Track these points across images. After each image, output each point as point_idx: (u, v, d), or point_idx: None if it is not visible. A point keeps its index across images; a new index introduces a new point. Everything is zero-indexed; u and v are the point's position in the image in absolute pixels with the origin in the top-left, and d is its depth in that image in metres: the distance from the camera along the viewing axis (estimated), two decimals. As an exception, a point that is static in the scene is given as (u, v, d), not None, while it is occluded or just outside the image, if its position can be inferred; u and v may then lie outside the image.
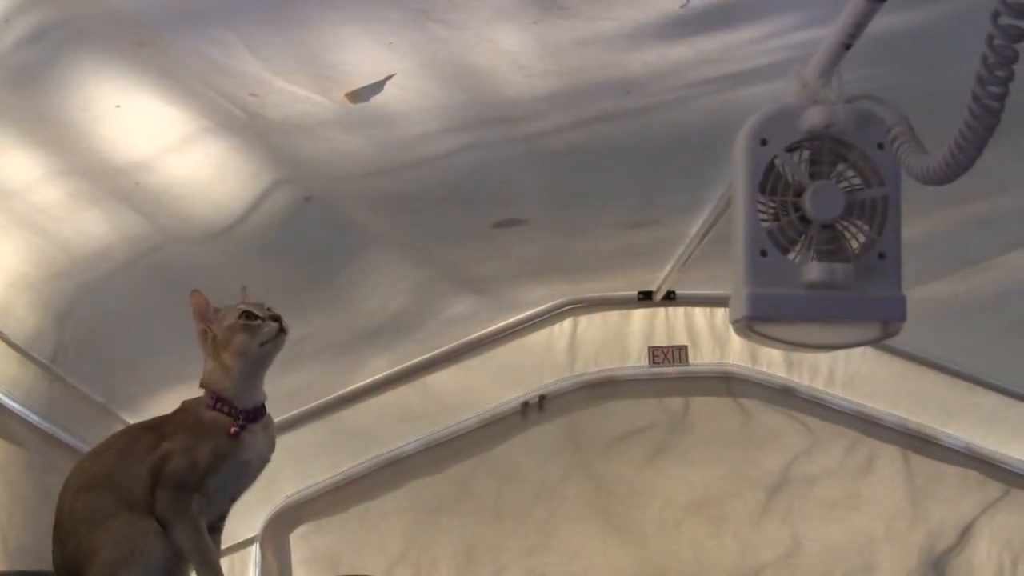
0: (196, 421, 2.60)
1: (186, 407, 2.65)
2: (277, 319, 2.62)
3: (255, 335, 2.59)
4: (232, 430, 2.58)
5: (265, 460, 2.70)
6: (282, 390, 4.34)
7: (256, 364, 2.64)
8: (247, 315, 2.59)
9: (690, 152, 2.83)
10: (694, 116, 2.57)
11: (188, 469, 2.54)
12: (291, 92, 2.28)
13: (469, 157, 2.72)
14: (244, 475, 2.66)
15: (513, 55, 2.19)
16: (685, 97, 2.47)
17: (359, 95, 2.33)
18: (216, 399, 2.60)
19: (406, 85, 2.28)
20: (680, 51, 2.24)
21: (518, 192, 3.07)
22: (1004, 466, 4.82)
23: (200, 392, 2.65)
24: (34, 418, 3.20)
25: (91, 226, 2.82)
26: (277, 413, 4.47)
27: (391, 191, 2.90)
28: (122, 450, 2.63)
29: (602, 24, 2.11)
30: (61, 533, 2.58)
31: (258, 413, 2.67)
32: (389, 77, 2.25)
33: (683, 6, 2.04)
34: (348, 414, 4.66)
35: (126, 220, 2.83)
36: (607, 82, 2.36)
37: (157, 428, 2.64)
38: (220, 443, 2.57)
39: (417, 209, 3.09)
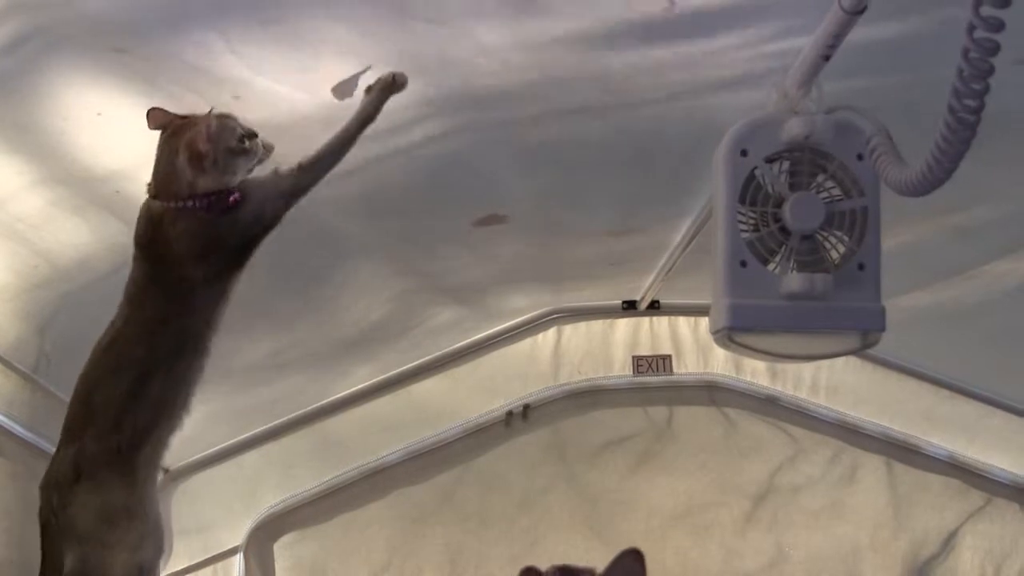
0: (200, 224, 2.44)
1: (153, 240, 2.47)
2: (255, 135, 2.44)
3: (249, 157, 2.43)
4: (234, 198, 2.42)
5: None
6: (265, 399, 4.37)
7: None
8: (243, 138, 2.41)
9: (672, 158, 2.84)
10: (674, 119, 2.57)
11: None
12: (273, 91, 2.29)
13: (449, 146, 2.71)
14: None
15: (492, 49, 2.20)
16: (665, 97, 2.48)
17: (343, 90, 2.34)
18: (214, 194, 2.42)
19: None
20: (660, 53, 2.24)
21: (499, 187, 3.06)
22: (987, 475, 4.83)
23: None
24: (17, 428, 3.19)
25: (73, 235, 2.82)
26: (260, 423, 4.52)
27: (371, 191, 2.89)
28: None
29: (581, 22, 2.12)
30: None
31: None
32: (367, 68, 2.26)
33: (666, 9, 2.04)
34: (332, 423, 4.65)
35: (108, 228, 2.82)
36: (586, 77, 2.36)
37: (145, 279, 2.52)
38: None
39: (397, 210, 3.08)
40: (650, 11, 2.07)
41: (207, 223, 2.43)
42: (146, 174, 2.59)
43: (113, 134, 2.43)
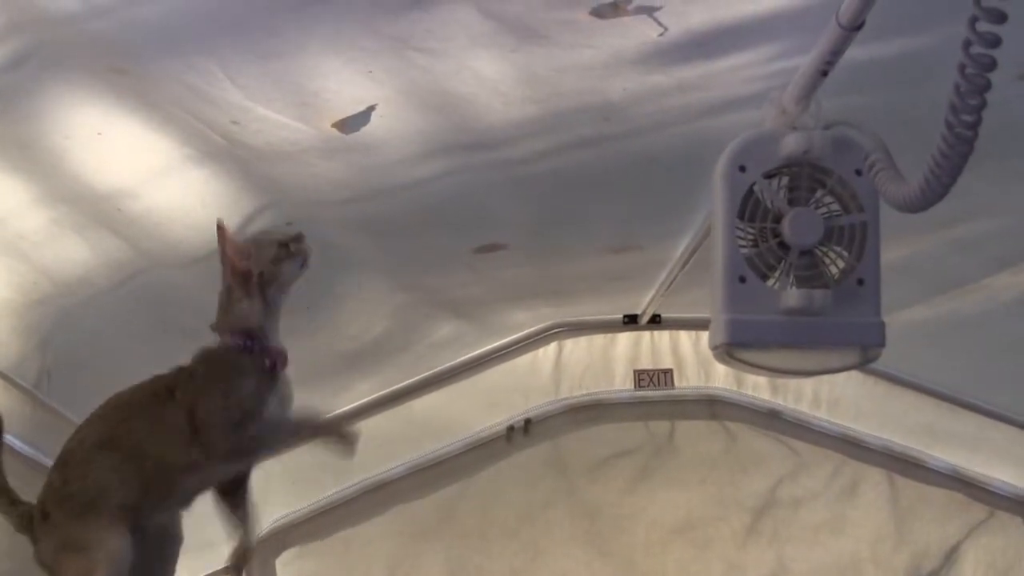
0: (227, 366, 2.50)
1: (204, 360, 2.54)
2: (301, 236, 2.53)
3: (297, 259, 2.51)
4: (270, 364, 2.49)
5: (289, 400, 2.62)
6: (266, 415, 4.36)
7: (288, 291, 2.56)
8: (283, 244, 2.50)
9: (671, 178, 2.84)
10: (674, 142, 2.58)
11: (235, 408, 2.47)
12: (272, 120, 2.29)
13: (449, 182, 2.72)
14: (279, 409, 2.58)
15: (492, 82, 2.20)
16: (664, 123, 2.48)
17: (347, 125, 2.34)
18: (247, 339, 2.50)
19: (386, 112, 2.29)
20: (658, 79, 2.25)
21: (498, 217, 3.08)
22: (989, 488, 4.82)
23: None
24: (17, 444, 3.18)
25: (73, 252, 2.82)
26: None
27: (372, 216, 2.91)
28: (144, 413, 2.56)
29: (581, 52, 2.12)
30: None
31: (284, 356, 2.57)
32: (372, 108, 2.26)
33: (661, 35, 2.05)
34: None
35: (108, 245, 2.83)
36: (585, 108, 2.37)
37: (174, 389, 2.54)
38: (261, 381, 2.49)
39: (398, 234, 3.10)
40: (646, 38, 2.07)
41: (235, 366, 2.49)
42: (146, 192, 2.60)
43: (114, 153, 2.44)
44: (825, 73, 2.02)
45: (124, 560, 2.48)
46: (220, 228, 2.45)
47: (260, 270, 2.48)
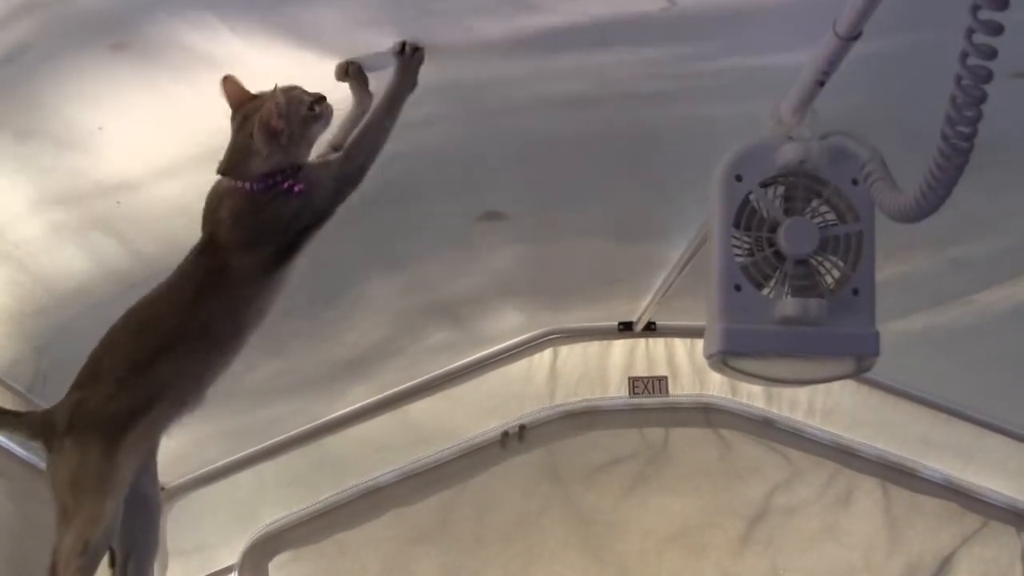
0: (257, 209, 2.38)
1: (219, 222, 2.40)
2: (323, 97, 2.38)
3: (321, 120, 2.37)
4: (298, 189, 2.36)
5: None
6: (262, 419, 4.37)
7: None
8: (313, 104, 2.35)
9: (667, 159, 2.84)
10: (670, 119, 2.58)
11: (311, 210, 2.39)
12: (275, 74, 2.28)
13: (446, 139, 2.69)
14: None
15: (489, 44, 2.22)
16: (660, 99, 2.48)
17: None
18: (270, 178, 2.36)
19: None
20: (654, 53, 2.26)
21: (497, 182, 3.05)
22: (983, 498, 4.82)
23: None
24: (15, 448, 3.19)
25: (71, 257, 2.82)
26: (257, 442, 4.52)
27: (371, 181, 2.90)
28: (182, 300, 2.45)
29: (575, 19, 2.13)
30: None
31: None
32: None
33: (664, 8, 2.05)
34: (328, 443, 4.65)
35: (107, 251, 2.83)
36: (582, 71, 2.37)
37: (199, 261, 2.44)
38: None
39: (397, 200, 3.07)
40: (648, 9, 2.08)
41: (263, 205, 2.37)
42: (147, 189, 2.60)
43: (113, 146, 2.43)
44: (822, 83, 2.03)
45: (120, 513, 2.46)
46: (227, 79, 2.32)
47: (291, 130, 2.34)
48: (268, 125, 2.29)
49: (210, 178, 2.43)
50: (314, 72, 2.32)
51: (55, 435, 2.44)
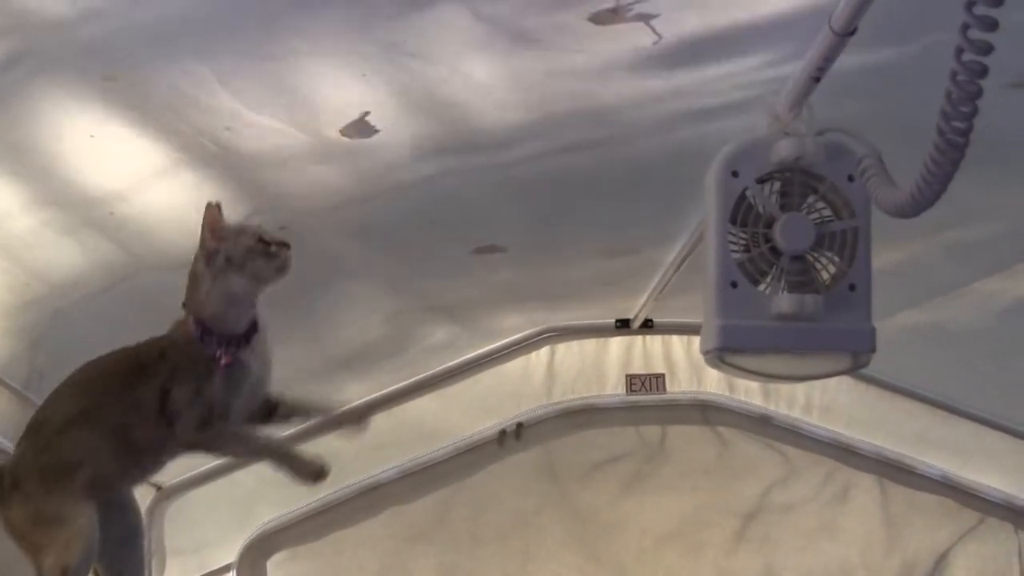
0: (192, 359, 2.43)
1: (174, 343, 2.47)
2: (288, 245, 2.43)
3: (272, 261, 2.40)
4: (224, 362, 2.41)
5: (268, 367, 2.55)
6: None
7: (260, 290, 2.45)
8: (265, 242, 2.40)
9: (664, 182, 2.84)
10: (667, 147, 2.58)
11: (207, 410, 2.43)
12: (265, 125, 2.29)
13: (444, 185, 2.72)
14: (255, 389, 2.54)
15: (486, 87, 2.20)
16: (658, 128, 2.49)
17: (357, 131, 2.34)
18: (203, 329, 2.42)
19: (380, 116, 2.29)
20: (652, 84, 2.25)
21: (494, 221, 3.08)
22: (980, 495, 4.82)
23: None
24: (8, 445, 3.18)
25: (65, 255, 2.82)
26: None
27: (366, 220, 2.91)
28: (119, 389, 2.50)
29: (574, 57, 2.13)
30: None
31: (250, 332, 2.47)
32: (366, 113, 2.26)
33: (655, 43, 2.05)
34: (325, 441, 4.63)
35: (100, 248, 2.83)
36: (579, 112, 2.37)
37: (147, 367, 2.48)
38: (223, 376, 2.43)
39: (393, 238, 3.10)
40: (639, 44, 2.08)
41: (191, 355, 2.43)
42: (138, 195, 2.60)
43: (106, 156, 2.44)
44: (818, 79, 2.02)
45: (96, 532, 2.46)
46: (210, 206, 2.38)
47: (229, 254, 2.38)
48: (206, 244, 2.36)
49: (198, 182, 2.45)
50: (308, 126, 2.32)
51: (2, 490, 2.50)
